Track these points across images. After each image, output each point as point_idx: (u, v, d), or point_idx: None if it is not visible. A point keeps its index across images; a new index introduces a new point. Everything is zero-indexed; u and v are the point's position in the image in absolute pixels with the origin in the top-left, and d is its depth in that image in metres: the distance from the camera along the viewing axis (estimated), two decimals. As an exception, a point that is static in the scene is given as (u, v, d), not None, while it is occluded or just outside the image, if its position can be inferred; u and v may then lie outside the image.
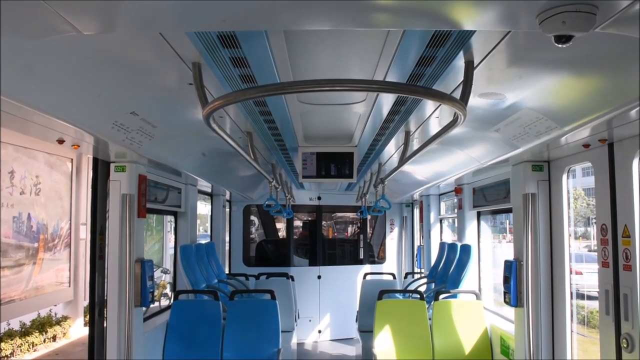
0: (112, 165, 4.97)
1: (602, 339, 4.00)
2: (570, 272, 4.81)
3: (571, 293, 4.79)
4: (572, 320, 4.77)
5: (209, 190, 9.20)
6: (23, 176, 10.49)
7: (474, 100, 3.63)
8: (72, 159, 12.42)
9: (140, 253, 5.09)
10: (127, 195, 4.87)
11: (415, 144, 5.37)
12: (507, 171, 5.86)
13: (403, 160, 5.16)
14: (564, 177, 4.78)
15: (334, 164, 5.70)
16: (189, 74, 3.14)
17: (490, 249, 7.78)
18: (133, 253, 4.87)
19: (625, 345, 3.68)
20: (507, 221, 9.42)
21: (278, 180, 7.61)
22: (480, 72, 3.06)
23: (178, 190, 7.24)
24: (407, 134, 5.06)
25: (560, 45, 1.99)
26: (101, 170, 5.05)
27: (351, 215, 13.36)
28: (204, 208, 13.05)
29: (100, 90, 3.30)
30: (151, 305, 7.34)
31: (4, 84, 2.51)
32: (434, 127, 4.73)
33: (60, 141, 3.92)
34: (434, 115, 4.36)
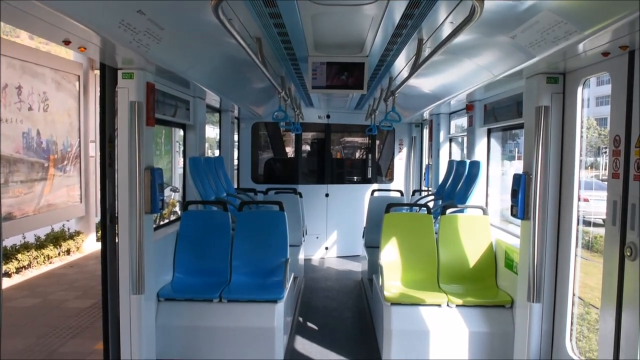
0: (119, 73, 4.90)
1: (605, 249, 4.04)
2: (579, 200, 4.78)
3: (577, 219, 4.79)
4: (577, 245, 4.80)
5: (217, 105, 9.14)
6: (30, 92, 10.45)
7: (490, 3, 3.50)
8: (78, 76, 12.33)
9: (150, 161, 5.12)
10: (135, 103, 4.83)
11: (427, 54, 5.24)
12: (519, 86, 5.74)
13: (415, 67, 5.04)
14: (579, 89, 4.66)
15: (344, 75, 5.57)
16: None
17: (499, 176, 7.76)
18: (142, 161, 4.88)
19: (628, 254, 3.72)
20: (516, 150, 9.38)
21: (287, 93, 7.52)
22: None
23: (187, 104, 7.20)
24: (420, 43, 4.91)
25: None
26: (109, 77, 4.99)
27: (359, 139, 13.32)
28: (212, 132, 13.06)
29: None
30: (161, 223, 7.52)
31: None
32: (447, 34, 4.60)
33: (67, 42, 3.84)
34: (447, 20, 4.21)
